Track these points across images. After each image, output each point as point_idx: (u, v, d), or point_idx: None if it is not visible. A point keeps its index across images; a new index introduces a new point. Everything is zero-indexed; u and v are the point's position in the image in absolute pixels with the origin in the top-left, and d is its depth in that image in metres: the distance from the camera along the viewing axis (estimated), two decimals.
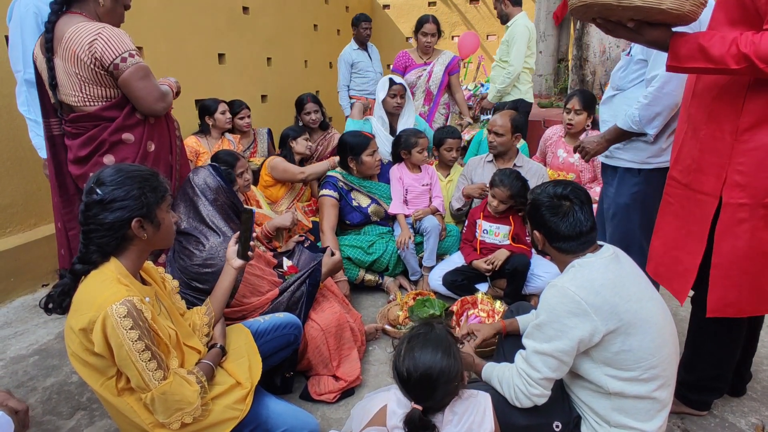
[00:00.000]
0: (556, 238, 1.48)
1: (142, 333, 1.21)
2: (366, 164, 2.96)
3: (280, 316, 1.85)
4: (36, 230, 3.04)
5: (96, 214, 1.28)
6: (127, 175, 1.32)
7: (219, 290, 1.67)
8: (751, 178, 1.41)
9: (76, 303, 1.28)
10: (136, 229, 1.31)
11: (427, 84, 3.95)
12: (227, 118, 3.50)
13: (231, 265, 1.68)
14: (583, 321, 1.34)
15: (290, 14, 5.70)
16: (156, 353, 1.25)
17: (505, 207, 2.68)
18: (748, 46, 1.25)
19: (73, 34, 1.80)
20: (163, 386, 1.26)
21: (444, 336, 1.35)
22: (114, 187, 1.29)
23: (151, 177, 1.36)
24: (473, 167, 3.12)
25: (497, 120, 2.97)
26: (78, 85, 1.87)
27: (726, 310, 1.53)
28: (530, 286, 2.66)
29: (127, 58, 1.84)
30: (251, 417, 1.48)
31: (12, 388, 2.09)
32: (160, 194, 1.36)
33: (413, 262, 2.91)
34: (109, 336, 1.20)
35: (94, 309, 1.20)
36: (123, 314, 1.19)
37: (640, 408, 1.39)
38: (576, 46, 5.32)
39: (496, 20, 7.91)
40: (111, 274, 1.28)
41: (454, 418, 1.29)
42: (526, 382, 1.43)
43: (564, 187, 1.50)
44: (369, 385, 2.11)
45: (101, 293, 1.23)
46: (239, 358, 1.59)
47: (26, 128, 2.93)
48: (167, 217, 1.40)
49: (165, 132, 2.09)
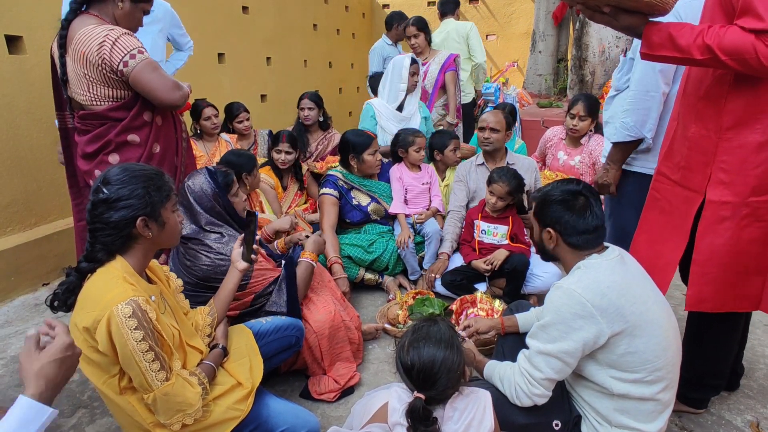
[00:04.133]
0: (573, 233, 1.46)
1: (146, 333, 1.22)
2: (367, 163, 2.97)
3: (282, 317, 1.86)
4: (36, 229, 3.04)
5: (102, 212, 1.29)
6: (133, 174, 1.33)
7: (223, 291, 1.69)
8: (734, 175, 1.43)
9: (82, 301, 1.28)
10: (141, 228, 1.32)
11: (423, 83, 3.96)
12: (212, 124, 3.38)
13: (236, 268, 1.69)
14: (589, 323, 1.34)
15: (290, 14, 5.71)
16: (159, 354, 1.26)
17: (503, 204, 2.69)
18: (712, 38, 1.27)
19: (83, 37, 1.83)
20: (165, 387, 1.26)
21: (447, 329, 1.37)
22: (119, 186, 1.30)
23: (156, 176, 1.37)
24: (466, 172, 3.05)
25: (490, 117, 2.93)
26: (86, 85, 1.89)
27: (702, 305, 1.56)
28: (529, 286, 2.68)
29: (136, 55, 1.85)
30: (252, 416, 1.49)
31: (12, 387, 2.10)
32: (165, 194, 1.37)
33: (413, 262, 2.92)
34: (114, 335, 1.20)
35: (99, 308, 1.21)
36: (128, 314, 1.20)
37: (643, 409, 1.39)
38: (575, 46, 5.34)
39: (496, 20, 7.96)
40: (117, 272, 1.29)
41: (454, 414, 1.30)
42: (528, 382, 1.44)
43: (576, 184, 1.51)
44: (369, 383, 2.12)
45: (107, 292, 1.23)
46: (240, 359, 1.60)
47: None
48: (173, 217, 1.41)
49: (171, 134, 2.10)
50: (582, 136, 3.34)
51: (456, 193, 3.03)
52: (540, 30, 6.41)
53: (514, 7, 7.80)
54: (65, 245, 3.09)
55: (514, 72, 7.71)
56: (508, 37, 7.91)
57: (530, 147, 4.03)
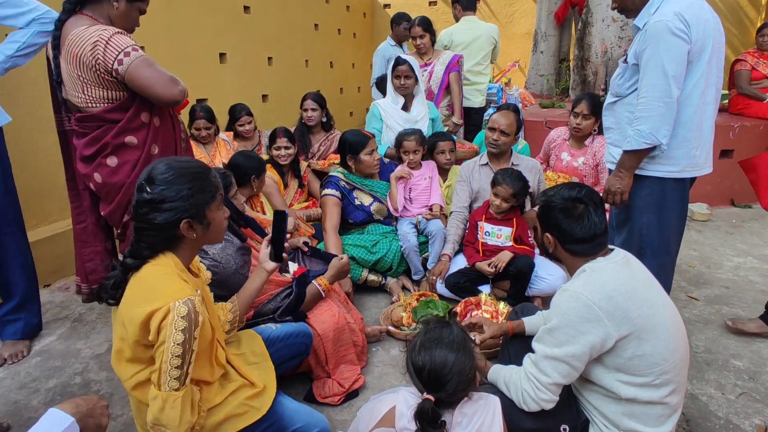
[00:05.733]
0: (570, 241, 1.48)
1: (185, 339, 1.21)
2: (364, 163, 2.96)
3: (292, 324, 1.85)
4: (37, 231, 3.02)
5: (146, 213, 1.27)
6: (179, 172, 1.29)
7: (247, 290, 1.70)
8: None
9: (136, 294, 1.27)
10: (185, 230, 1.30)
11: (428, 84, 3.95)
12: (205, 134, 3.37)
13: (264, 268, 1.69)
14: (596, 326, 1.34)
15: (291, 14, 5.69)
16: (185, 364, 1.24)
17: (507, 206, 2.68)
18: None
19: (75, 38, 1.80)
20: (169, 394, 1.25)
21: (460, 331, 1.37)
22: (164, 187, 1.27)
23: (201, 174, 1.33)
24: (469, 171, 3.01)
25: (501, 119, 2.85)
26: (81, 87, 1.87)
27: None
28: (534, 288, 2.66)
29: (131, 52, 1.81)
30: (266, 414, 1.48)
31: (14, 390, 2.08)
32: (210, 194, 1.33)
33: (416, 261, 2.91)
34: (162, 327, 1.20)
35: (159, 300, 1.21)
36: (183, 314, 1.20)
37: (651, 413, 1.38)
38: (577, 46, 5.32)
39: (497, 20, 7.94)
40: (171, 268, 1.30)
41: (463, 419, 1.29)
42: (535, 387, 1.42)
43: (578, 190, 1.49)
44: (373, 386, 2.10)
45: (167, 287, 1.24)
46: (251, 364, 1.59)
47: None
48: (218, 215, 1.38)
49: (170, 135, 2.07)
50: (586, 135, 3.32)
51: (459, 194, 3.00)
52: (542, 30, 6.40)
53: (516, 6, 7.79)
54: (65, 247, 3.06)
55: (515, 72, 7.70)
56: (510, 37, 7.90)
57: (532, 147, 4.01)
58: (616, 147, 2.12)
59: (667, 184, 2.03)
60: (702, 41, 1.88)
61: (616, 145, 2.13)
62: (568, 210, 1.47)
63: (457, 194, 3.01)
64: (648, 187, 2.05)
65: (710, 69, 1.94)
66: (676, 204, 2.07)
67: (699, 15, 1.87)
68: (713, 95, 1.99)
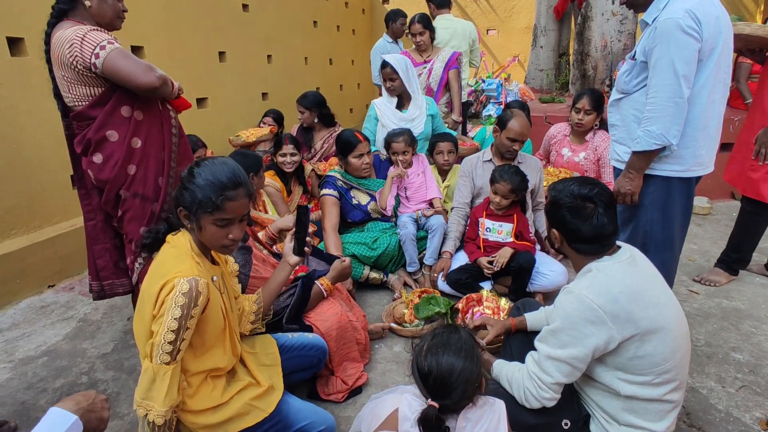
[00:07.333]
0: (576, 240, 1.45)
1: (182, 316, 1.28)
2: (352, 165, 2.97)
3: (308, 336, 1.86)
4: (41, 231, 3.04)
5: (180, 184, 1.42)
6: (211, 172, 1.38)
7: (272, 284, 1.75)
8: None
9: (154, 271, 1.37)
10: (182, 217, 1.42)
11: (428, 81, 3.94)
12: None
13: (288, 262, 1.76)
14: (600, 329, 1.33)
15: (290, 11, 5.68)
16: (179, 340, 1.29)
17: (507, 202, 2.69)
18: None
19: (56, 41, 1.86)
20: (159, 367, 1.29)
21: (468, 338, 1.35)
22: (191, 175, 1.39)
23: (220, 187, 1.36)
24: (472, 167, 2.97)
25: (516, 127, 2.74)
26: (67, 87, 1.93)
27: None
28: (535, 284, 2.67)
29: (106, 46, 1.84)
30: (272, 412, 1.50)
31: (21, 390, 2.11)
32: (208, 208, 1.36)
33: (412, 250, 2.91)
34: (164, 301, 1.28)
35: (169, 276, 1.31)
36: (184, 290, 1.28)
37: (651, 409, 1.39)
38: (577, 40, 5.31)
39: (496, 14, 7.91)
40: (186, 249, 1.40)
41: (467, 425, 1.27)
42: (537, 386, 1.43)
43: (590, 189, 1.44)
44: (376, 383, 2.12)
45: (177, 265, 1.34)
46: (262, 364, 1.62)
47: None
48: (211, 228, 1.39)
49: (157, 129, 2.08)
50: (587, 131, 3.33)
51: (460, 189, 2.97)
52: (541, 24, 6.37)
53: (515, 1, 7.76)
54: (70, 247, 3.09)
55: (515, 67, 7.68)
56: (509, 31, 7.87)
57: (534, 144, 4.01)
58: (621, 144, 2.11)
59: (673, 183, 2.02)
60: (713, 39, 1.83)
61: (621, 143, 2.11)
62: (577, 209, 1.43)
63: (459, 190, 2.98)
64: (654, 185, 2.04)
65: (719, 67, 1.89)
66: (681, 202, 2.06)
67: (710, 12, 1.81)
68: (720, 93, 1.95)
